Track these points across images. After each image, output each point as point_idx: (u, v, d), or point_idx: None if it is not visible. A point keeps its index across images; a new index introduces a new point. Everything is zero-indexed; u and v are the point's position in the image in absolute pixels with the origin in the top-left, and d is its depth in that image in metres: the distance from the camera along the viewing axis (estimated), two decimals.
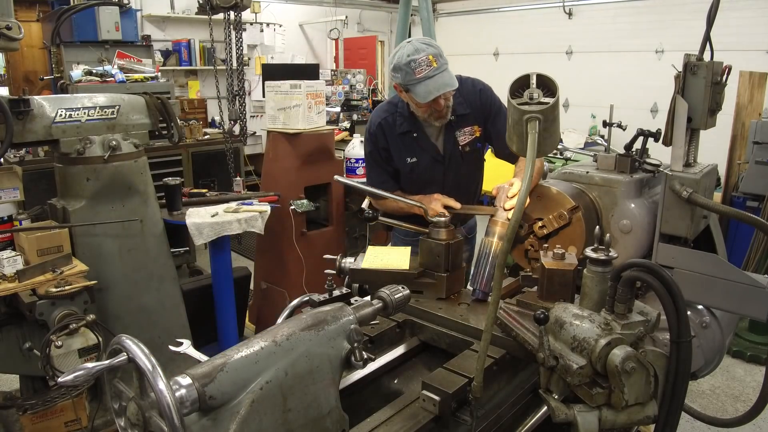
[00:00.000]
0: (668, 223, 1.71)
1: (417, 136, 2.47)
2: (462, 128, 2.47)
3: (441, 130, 2.47)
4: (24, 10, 6.65)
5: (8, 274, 2.43)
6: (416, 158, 2.49)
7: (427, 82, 2.16)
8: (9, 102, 2.53)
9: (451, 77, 2.21)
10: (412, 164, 2.50)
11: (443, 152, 2.50)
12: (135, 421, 0.98)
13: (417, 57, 2.15)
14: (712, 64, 1.65)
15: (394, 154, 2.52)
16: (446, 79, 2.19)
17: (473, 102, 2.47)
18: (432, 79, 2.16)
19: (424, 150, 2.49)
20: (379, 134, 2.51)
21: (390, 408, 1.40)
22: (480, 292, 1.82)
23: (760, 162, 4.49)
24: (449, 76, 2.20)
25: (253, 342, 1.11)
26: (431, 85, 2.16)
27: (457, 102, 2.42)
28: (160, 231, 3.16)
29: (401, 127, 2.47)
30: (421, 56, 2.15)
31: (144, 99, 3.08)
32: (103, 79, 4.97)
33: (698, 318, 1.69)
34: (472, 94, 2.49)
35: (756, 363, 4.01)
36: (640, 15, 7.55)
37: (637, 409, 1.29)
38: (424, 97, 2.19)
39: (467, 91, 2.48)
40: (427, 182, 2.49)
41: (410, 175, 2.52)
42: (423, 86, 2.17)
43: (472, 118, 2.47)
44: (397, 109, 2.49)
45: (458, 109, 2.42)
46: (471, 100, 2.47)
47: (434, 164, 2.51)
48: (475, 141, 2.51)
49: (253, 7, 7.62)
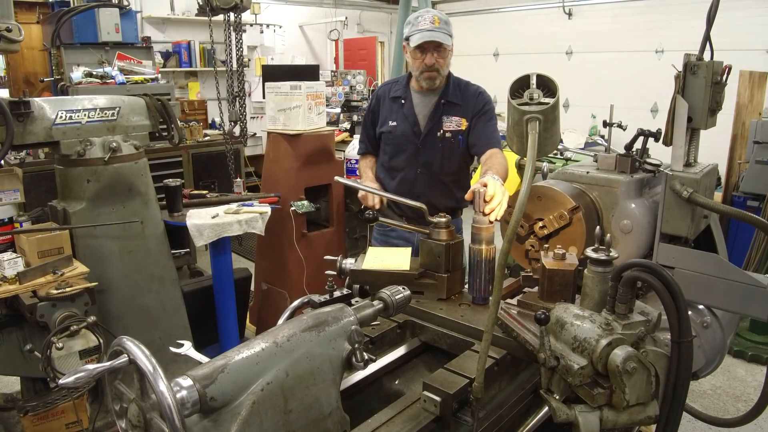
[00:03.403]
0: (669, 222, 1.71)
1: (404, 103, 2.69)
2: (450, 116, 2.63)
3: (430, 107, 2.64)
4: (24, 12, 6.65)
5: (9, 276, 2.43)
6: (396, 123, 2.69)
7: (423, 32, 2.46)
8: (9, 104, 2.53)
9: (446, 38, 2.48)
10: (391, 128, 2.70)
11: (423, 128, 2.65)
12: (136, 422, 0.98)
13: (425, 14, 2.50)
14: (712, 63, 1.65)
15: (381, 116, 2.77)
16: (441, 36, 2.46)
17: (468, 98, 2.66)
18: (428, 32, 2.45)
19: (405, 118, 2.68)
20: (375, 97, 2.84)
21: (391, 409, 1.40)
22: (480, 298, 1.81)
23: (761, 161, 4.49)
24: (444, 37, 2.47)
25: (254, 343, 1.11)
26: (426, 35, 2.46)
27: (452, 92, 2.65)
28: (161, 232, 3.16)
29: (395, 92, 2.74)
30: (429, 14, 2.49)
31: (144, 100, 3.08)
32: (104, 81, 4.97)
33: (699, 318, 1.69)
34: (470, 92, 2.69)
35: (757, 363, 4.01)
36: (640, 15, 7.55)
37: (639, 409, 1.29)
38: (415, 42, 2.47)
39: (466, 88, 2.70)
40: (399, 150, 2.71)
41: (388, 138, 2.73)
42: (419, 34, 2.47)
43: (462, 110, 2.64)
44: (399, 80, 2.80)
45: (451, 97, 2.64)
46: (466, 96, 2.67)
47: (410, 135, 2.66)
48: (458, 133, 2.64)
49: (253, 9, 7.62)
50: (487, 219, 1.75)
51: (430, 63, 2.52)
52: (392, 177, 2.76)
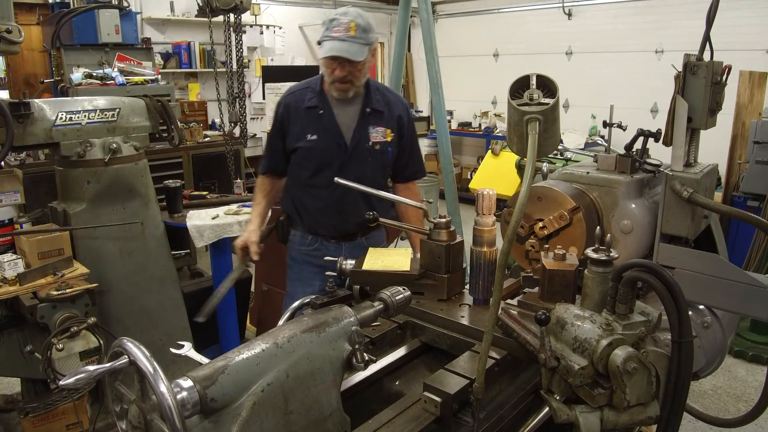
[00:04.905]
0: (669, 223, 1.71)
1: (323, 114, 2.41)
2: (376, 126, 2.45)
3: (354, 119, 2.43)
4: (24, 13, 6.65)
5: (9, 277, 2.43)
6: (317, 136, 2.41)
7: (334, 42, 2.20)
8: (9, 105, 2.53)
9: (359, 51, 2.22)
10: (312, 142, 2.41)
11: (349, 141, 2.43)
12: (136, 423, 0.98)
13: (341, 18, 2.21)
14: (712, 63, 1.65)
15: (294, 129, 2.44)
16: (352, 48, 2.21)
17: (391, 107, 2.48)
18: (340, 42, 2.20)
19: (326, 130, 2.41)
20: (284, 106, 2.47)
21: (391, 409, 1.40)
22: (481, 299, 1.81)
23: (761, 161, 4.49)
24: (357, 49, 2.22)
25: (255, 344, 1.11)
26: (336, 45, 2.20)
27: (375, 98, 2.45)
28: (161, 233, 3.17)
29: (310, 101, 2.43)
30: (345, 19, 2.21)
31: (144, 101, 3.08)
32: (104, 82, 4.97)
33: (699, 318, 1.69)
34: (391, 100, 2.51)
35: (758, 363, 4.01)
36: (640, 15, 7.55)
37: (639, 409, 1.29)
38: (324, 52, 2.23)
39: (386, 94, 2.52)
40: (323, 166, 2.43)
41: (308, 154, 2.43)
42: (330, 43, 2.22)
43: (386, 119, 2.46)
44: (310, 85, 2.47)
45: (375, 104, 2.44)
46: (389, 104, 2.48)
47: (335, 148, 2.42)
48: (386, 144, 2.47)
49: (253, 9, 7.61)
50: (489, 221, 1.76)
51: (341, 76, 2.29)
52: (314, 195, 2.47)
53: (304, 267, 2.60)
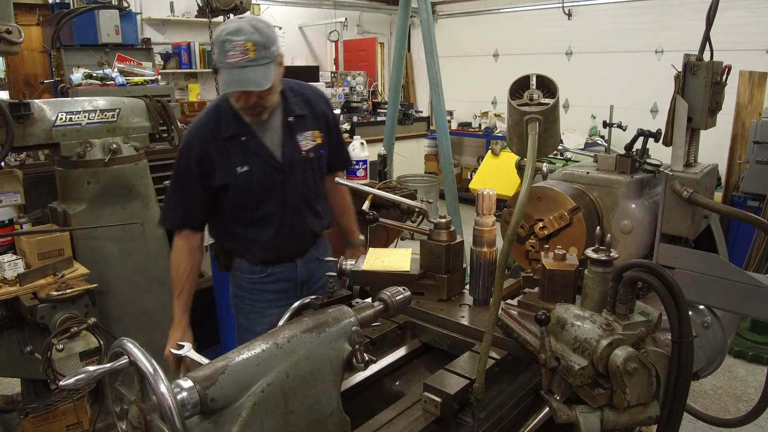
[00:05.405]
0: (669, 223, 1.71)
1: (246, 140, 2.08)
2: (303, 132, 2.19)
3: (278, 133, 2.14)
4: (24, 13, 6.65)
5: (9, 278, 2.43)
6: (248, 167, 2.08)
7: (233, 71, 1.87)
8: (9, 105, 2.53)
9: (265, 76, 1.89)
10: (244, 174, 2.08)
11: (282, 159, 2.13)
12: (137, 424, 0.98)
13: (234, 39, 1.85)
14: (712, 64, 1.65)
15: (219, 167, 2.08)
16: (256, 75, 1.88)
17: (311, 104, 2.24)
18: (240, 70, 1.86)
19: (257, 156, 2.10)
20: (195, 144, 2.07)
21: (392, 410, 1.40)
22: (481, 300, 1.81)
23: (761, 161, 4.49)
24: (262, 74, 1.89)
25: (255, 344, 1.11)
26: (236, 76, 1.87)
27: (294, 102, 2.17)
28: (161, 234, 3.16)
29: (227, 130, 2.07)
30: (240, 39, 1.84)
31: (144, 102, 3.08)
32: (104, 83, 4.96)
33: (700, 318, 1.69)
34: (315, 98, 2.28)
35: (758, 363, 4.01)
36: (640, 15, 7.55)
37: (639, 409, 1.29)
38: (223, 87, 1.92)
39: (303, 92, 2.25)
40: (265, 194, 2.13)
41: (244, 188, 2.10)
42: (228, 73, 1.88)
43: (311, 121, 2.22)
44: (220, 110, 2.10)
45: (296, 110, 2.17)
46: (308, 102, 2.23)
47: (271, 173, 2.12)
48: (317, 147, 2.23)
49: (253, 10, 7.62)
50: (489, 221, 1.76)
51: (249, 105, 1.99)
52: (262, 227, 2.18)
53: (258, 296, 2.29)
